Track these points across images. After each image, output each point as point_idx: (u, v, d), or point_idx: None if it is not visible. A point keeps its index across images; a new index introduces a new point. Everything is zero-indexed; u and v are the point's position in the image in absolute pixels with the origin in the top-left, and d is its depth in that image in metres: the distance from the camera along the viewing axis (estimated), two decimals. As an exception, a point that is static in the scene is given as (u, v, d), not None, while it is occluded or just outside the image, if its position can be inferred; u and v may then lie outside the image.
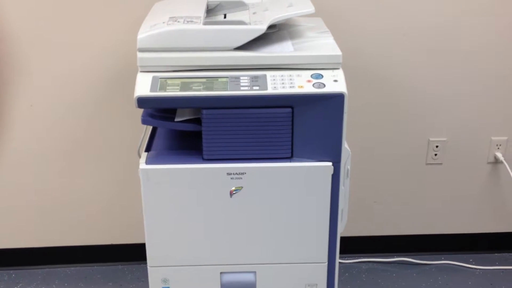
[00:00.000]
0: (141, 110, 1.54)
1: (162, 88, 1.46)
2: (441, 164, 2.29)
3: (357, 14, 2.07)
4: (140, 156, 1.56)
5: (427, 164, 2.29)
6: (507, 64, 2.16)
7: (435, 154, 2.28)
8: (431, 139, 2.26)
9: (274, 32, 1.66)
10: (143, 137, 1.76)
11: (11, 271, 2.33)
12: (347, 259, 2.37)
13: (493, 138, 2.27)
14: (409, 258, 2.37)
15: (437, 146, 2.26)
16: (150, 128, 1.74)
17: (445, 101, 2.20)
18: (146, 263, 1.62)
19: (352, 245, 2.34)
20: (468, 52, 2.14)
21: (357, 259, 2.38)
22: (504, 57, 2.15)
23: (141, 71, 1.50)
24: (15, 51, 2.04)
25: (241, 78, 1.49)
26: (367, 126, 2.22)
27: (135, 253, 2.28)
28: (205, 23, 1.54)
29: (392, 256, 2.39)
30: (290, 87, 1.47)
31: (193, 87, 1.46)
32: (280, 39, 1.62)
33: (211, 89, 1.46)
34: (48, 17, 2.01)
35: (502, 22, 2.10)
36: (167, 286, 1.63)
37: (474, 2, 2.07)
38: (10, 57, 2.05)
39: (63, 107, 2.13)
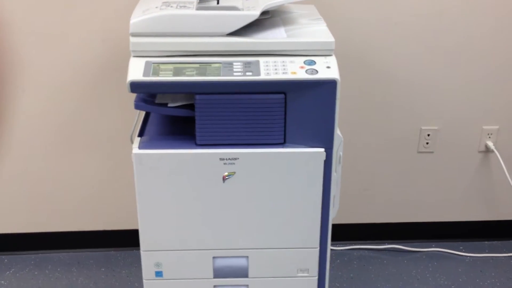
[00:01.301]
0: (134, 96, 1.55)
1: (155, 73, 1.46)
2: (432, 152, 2.31)
3: (350, 1, 2.07)
4: (132, 142, 1.57)
5: (418, 152, 2.31)
6: (498, 54, 2.17)
7: (427, 143, 2.29)
8: (423, 127, 2.27)
9: (267, 19, 1.66)
10: (136, 122, 1.77)
11: (3, 256, 2.33)
12: (338, 246, 2.39)
13: (484, 127, 2.28)
14: (400, 245, 2.39)
15: (428, 135, 2.28)
16: (143, 113, 1.74)
17: (437, 90, 2.21)
18: (138, 249, 1.62)
19: (344, 233, 2.36)
20: (459, 41, 2.14)
21: (349, 246, 2.40)
22: (495, 47, 2.16)
23: (134, 56, 1.50)
24: (7, 38, 2.03)
25: (234, 63, 1.49)
26: (359, 113, 2.23)
27: (127, 239, 2.28)
28: (198, 8, 1.54)
29: (383, 244, 2.41)
30: (283, 73, 1.47)
31: (186, 72, 1.46)
32: (273, 25, 1.62)
33: (204, 74, 1.46)
34: (38, 5, 2.00)
35: (491, 14, 2.11)
36: (160, 270, 1.64)
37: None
38: (1, 45, 2.04)
39: (56, 93, 2.12)
